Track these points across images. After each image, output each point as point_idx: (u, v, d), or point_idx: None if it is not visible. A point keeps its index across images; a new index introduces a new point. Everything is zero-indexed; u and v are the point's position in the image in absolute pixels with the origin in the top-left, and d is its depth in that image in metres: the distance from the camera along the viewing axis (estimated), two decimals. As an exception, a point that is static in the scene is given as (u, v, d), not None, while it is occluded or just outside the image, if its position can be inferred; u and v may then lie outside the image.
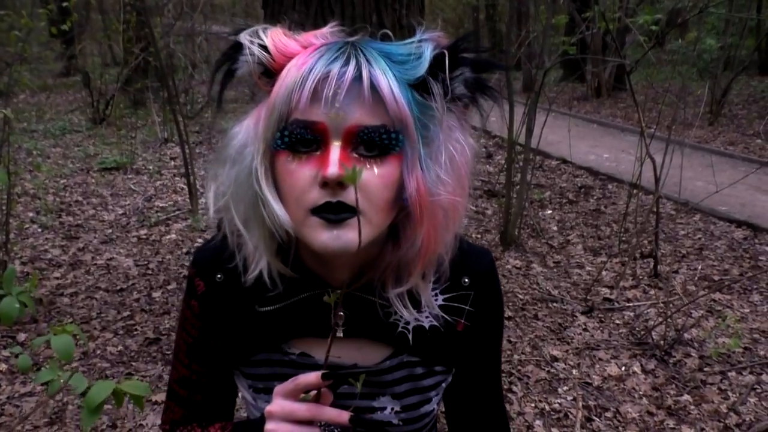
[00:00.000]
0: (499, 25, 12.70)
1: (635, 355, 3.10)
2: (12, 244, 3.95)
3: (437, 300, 0.82)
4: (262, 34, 0.72)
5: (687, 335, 3.23)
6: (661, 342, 3.13)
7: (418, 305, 0.80)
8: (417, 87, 0.69)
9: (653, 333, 3.19)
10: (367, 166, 0.67)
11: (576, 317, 3.48)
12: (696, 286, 3.90)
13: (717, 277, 4.02)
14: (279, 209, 0.70)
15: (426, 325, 0.82)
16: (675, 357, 3.08)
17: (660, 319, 3.30)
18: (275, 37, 0.72)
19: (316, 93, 0.66)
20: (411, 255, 0.72)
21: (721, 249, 4.48)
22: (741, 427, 2.58)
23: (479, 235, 4.70)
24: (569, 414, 2.66)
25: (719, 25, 11.17)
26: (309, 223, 0.68)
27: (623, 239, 4.48)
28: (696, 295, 3.68)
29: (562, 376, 2.93)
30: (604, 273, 3.97)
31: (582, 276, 4.04)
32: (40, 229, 4.84)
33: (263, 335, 0.83)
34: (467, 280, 0.84)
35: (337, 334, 0.80)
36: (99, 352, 3.11)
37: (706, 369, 2.99)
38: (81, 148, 7.57)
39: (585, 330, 3.36)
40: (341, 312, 0.80)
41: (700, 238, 4.71)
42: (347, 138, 0.67)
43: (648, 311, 3.54)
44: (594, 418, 2.65)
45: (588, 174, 6.56)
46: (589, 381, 2.89)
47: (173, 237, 4.67)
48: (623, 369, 2.99)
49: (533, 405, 2.72)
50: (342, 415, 0.70)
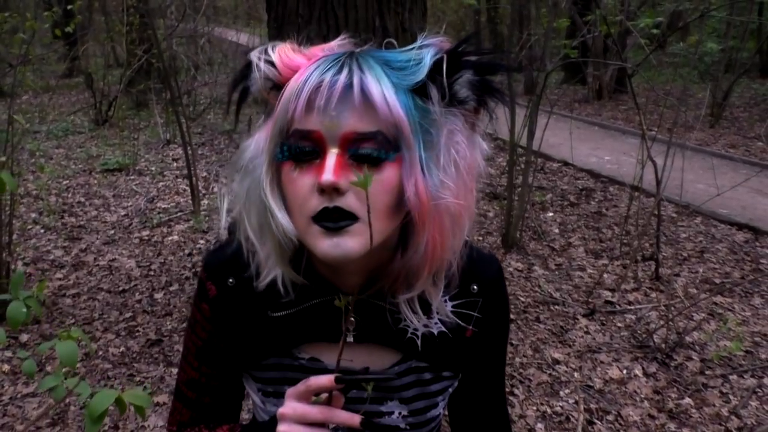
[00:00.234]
0: (501, 28, 12.70)
1: (637, 358, 3.10)
2: (15, 244, 3.96)
3: (446, 306, 0.82)
4: (270, 50, 0.74)
5: (688, 338, 3.23)
6: (663, 345, 3.13)
7: (428, 311, 0.80)
8: (419, 92, 0.70)
9: (655, 336, 3.20)
10: (366, 171, 0.67)
11: (577, 320, 3.49)
12: (697, 289, 3.90)
13: (718, 280, 4.02)
14: (283, 218, 0.71)
15: (435, 332, 0.83)
16: (676, 360, 3.08)
17: (661, 322, 3.30)
18: (282, 53, 0.73)
19: (310, 102, 0.67)
20: (416, 260, 0.72)
21: (723, 252, 4.48)
22: (742, 431, 2.58)
23: (480, 238, 4.71)
24: (571, 417, 2.66)
25: (720, 28, 11.18)
26: (311, 232, 0.69)
27: (624, 242, 4.48)
28: (697, 298, 3.68)
29: (563, 379, 2.93)
30: (605, 276, 3.97)
31: (583, 279, 4.04)
32: (42, 230, 4.85)
33: (274, 340, 0.83)
34: (476, 287, 0.84)
35: (348, 339, 0.81)
36: (101, 353, 3.12)
37: (707, 372, 2.99)
38: (84, 149, 7.58)
39: (586, 333, 3.36)
40: (352, 317, 0.81)
41: (701, 240, 4.71)
42: (344, 145, 0.68)
43: (649, 314, 3.55)
44: (595, 421, 2.65)
45: (589, 176, 6.56)
46: (591, 384, 2.90)
47: (175, 238, 4.68)
48: (625, 372, 2.99)
49: (535, 408, 2.72)
50: (354, 418, 0.71)
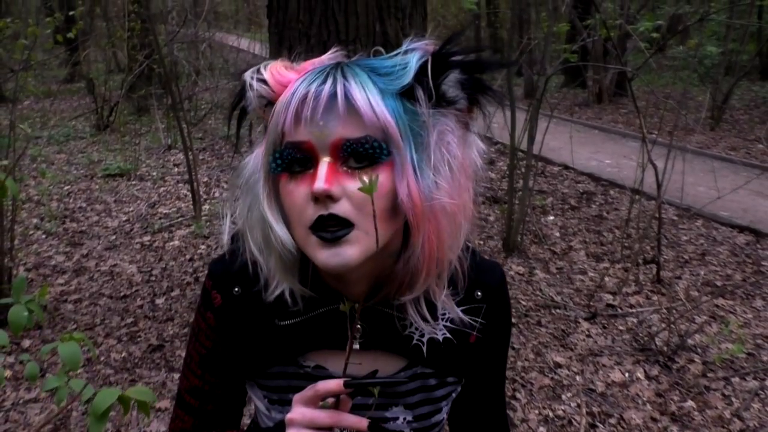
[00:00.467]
0: (501, 33, 12.73)
1: (639, 361, 3.10)
2: (16, 250, 3.97)
3: (454, 315, 0.82)
4: (263, 69, 0.76)
5: (690, 341, 3.23)
6: (665, 348, 3.13)
7: (434, 314, 0.81)
8: (407, 95, 0.70)
9: (656, 339, 3.19)
10: (357, 178, 0.67)
11: (579, 323, 3.48)
12: (699, 291, 3.89)
13: (720, 283, 4.02)
14: (281, 231, 0.73)
15: (440, 338, 0.83)
16: (678, 363, 3.08)
17: (663, 325, 3.30)
18: (274, 70, 0.75)
19: (297, 114, 0.69)
20: (414, 261, 0.73)
21: (724, 254, 4.48)
22: (745, 434, 2.58)
23: (481, 242, 4.71)
24: (573, 421, 2.66)
25: (720, 31, 11.19)
26: (310, 242, 0.70)
27: (626, 245, 4.48)
28: (699, 301, 3.68)
29: (565, 382, 2.93)
30: (606, 279, 3.97)
31: (585, 282, 4.04)
32: (44, 236, 4.86)
33: (280, 348, 0.84)
34: (480, 293, 0.85)
35: (354, 346, 0.81)
36: (103, 358, 3.12)
37: (709, 375, 2.99)
38: (85, 154, 7.60)
39: (588, 336, 3.36)
40: (358, 325, 0.81)
41: (702, 243, 4.71)
42: (334, 153, 0.68)
43: (651, 317, 3.54)
44: (598, 424, 2.65)
45: (590, 180, 6.56)
46: (593, 387, 2.90)
47: (177, 243, 4.69)
48: (627, 375, 2.99)
49: (537, 412, 2.72)
50: (362, 422, 0.71)
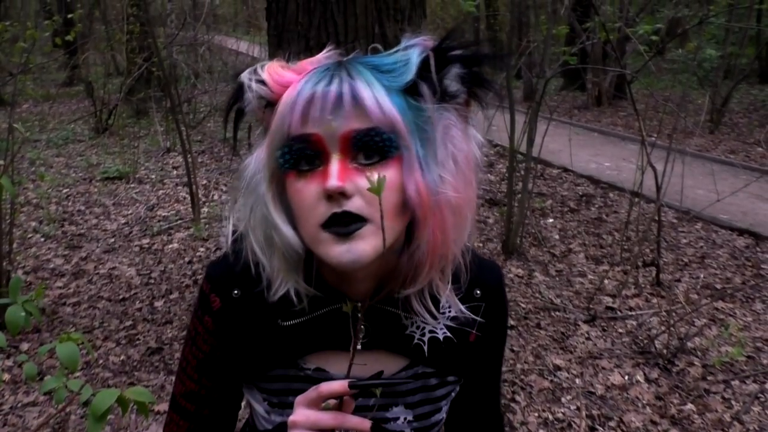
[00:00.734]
0: (500, 35, 12.75)
1: (638, 364, 3.09)
2: (15, 253, 3.96)
3: (451, 312, 0.83)
4: (260, 70, 0.75)
5: (690, 344, 3.22)
6: (664, 351, 3.12)
7: (437, 309, 0.81)
8: (410, 92, 0.71)
9: (656, 342, 3.19)
10: (368, 174, 0.68)
11: (578, 326, 3.48)
12: (698, 294, 3.89)
13: (719, 286, 4.02)
14: (288, 231, 0.72)
15: (440, 337, 0.83)
16: (678, 366, 3.07)
17: (663, 328, 3.30)
18: (271, 71, 0.75)
19: (305, 114, 0.68)
20: (419, 255, 0.73)
21: (723, 257, 4.48)
22: (745, 437, 2.57)
23: (481, 244, 4.71)
24: (573, 423, 2.65)
25: (719, 34, 11.21)
26: (321, 239, 0.69)
27: (625, 248, 4.47)
28: (699, 304, 3.67)
29: (565, 385, 2.92)
30: (606, 282, 3.97)
31: (584, 285, 4.04)
32: (42, 239, 4.85)
33: (281, 350, 0.83)
34: (479, 292, 0.86)
35: (357, 346, 0.81)
36: (101, 361, 3.11)
37: (709, 378, 2.98)
38: (84, 157, 7.59)
39: (588, 339, 3.35)
40: (362, 325, 0.81)
41: (702, 246, 4.70)
42: (344, 147, 0.68)
43: (651, 320, 3.54)
44: (597, 427, 2.64)
45: (589, 183, 6.56)
46: (593, 390, 2.89)
47: (175, 246, 4.68)
48: (626, 378, 2.98)
49: (537, 414, 2.71)
50: (364, 423, 0.71)
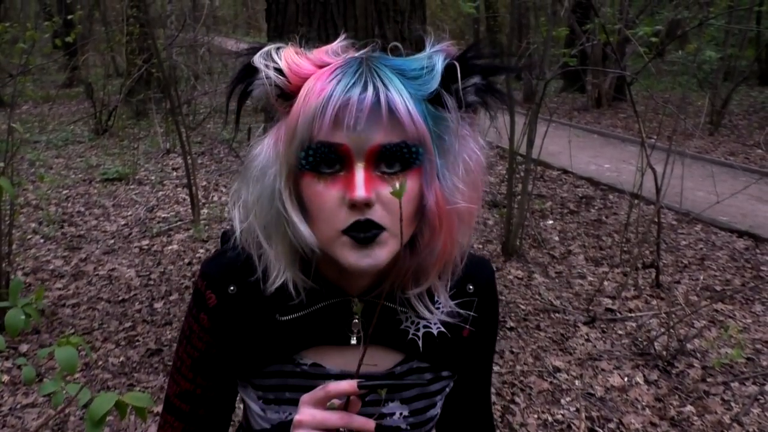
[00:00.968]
0: (500, 37, 12.76)
1: (638, 366, 3.09)
2: (14, 254, 3.96)
3: (445, 307, 0.84)
4: (275, 56, 0.73)
5: (689, 346, 3.22)
6: (664, 352, 3.12)
7: (432, 303, 0.83)
8: (431, 99, 0.71)
9: (656, 343, 3.19)
10: (390, 183, 0.69)
11: (578, 328, 3.48)
12: (698, 296, 3.89)
13: (719, 288, 4.01)
14: (305, 230, 0.72)
15: (434, 332, 0.84)
16: (678, 367, 3.07)
17: (662, 330, 3.29)
18: (289, 59, 0.73)
19: (337, 119, 0.67)
20: (430, 260, 0.75)
21: (723, 259, 4.48)
22: (744, 439, 2.57)
23: (480, 246, 4.70)
24: (572, 425, 2.65)
25: (719, 36, 11.22)
26: (340, 242, 0.70)
27: (625, 249, 4.47)
28: (698, 306, 3.67)
29: (564, 386, 2.92)
30: (606, 283, 3.97)
31: (584, 286, 4.04)
32: (42, 240, 4.85)
33: (277, 345, 0.83)
34: (471, 287, 0.87)
35: (352, 341, 0.82)
36: (101, 363, 3.11)
37: (708, 379, 2.98)
38: (83, 158, 7.59)
39: (587, 340, 3.35)
40: (356, 320, 0.82)
41: (701, 248, 4.70)
42: (370, 158, 0.69)
43: (650, 321, 3.54)
44: (597, 429, 2.64)
45: (589, 184, 6.56)
46: (592, 392, 2.89)
47: (175, 247, 4.68)
48: (626, 380, 2.98)
49: (536, 416, 2.71)
50: (369, 424, 0.71)
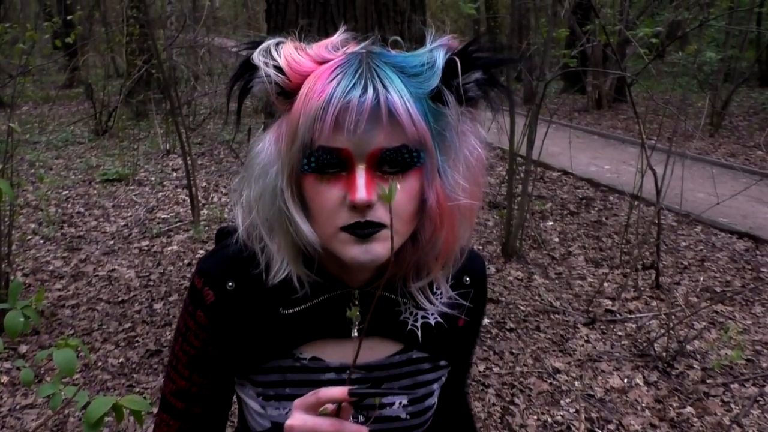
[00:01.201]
0: (500, 38, 12.76)
1: (638, 367, 3.09)
2: (14, 255, 3.96)
3: (443, 298, 0.85)
4: (274, 53, 0.73)
5: (689, 347, 3.22)
6: (664, 354, 3.12)
7: (433, 295, 0.84)
8: (432, 96, 0.71)
9: (655, 345, 3.18)
10: (391, 183, 0.69)
11: (578, 329, 3.48)
12: (698, 297, 3.89)
13: (719, 289, 4.01)
14: (306, 228, 0.73)
15: (432, 322, 0.86)
16: (677, 369, 3.07)
17: (662, 331, 3.29)
18: (288, 56, 0.73)
19: (337, 122, 0.67)
20: (432, 255, 0.77)
21: (723, 260, 4.48)
22: (744, 440, 2.57)
23: (480, 247, 4.70)
24: (572, 426, 2.65)
25: (719, 38, 11.22)
26: (339, 239, 0.71)
27: (625, 251, 4.47)
28: (698, 307, 3.67)
29: (564, 388, 2.92)
30: (605, 284, 3.97)
31: (584, 287, 4.04)
32: (42, 241, 4.84)
33: (277, 340, 0.83)
34: (468, 279, 0.89)
35: (353, 333, 0.83)
36: (100, 363, 3.11)
37: (708, 381, 2.98)
38: (83, 159, 7.59)
39: (587, 342, 3.35)
40: (358, 312, 0.81)
41: (701, 249, 4.70)
42: (371, 160, 0.69)
43: (650, 323, 3.53)
44: (596, 430, 2.64)
45: (589, 185, 6.56)
46: (592, 393, 2.88)
47: (175, 248, 4.68)
48: (626, 381, 2.98)
49: (536, 417, 2.71)
50: (361, 430, 0.71)
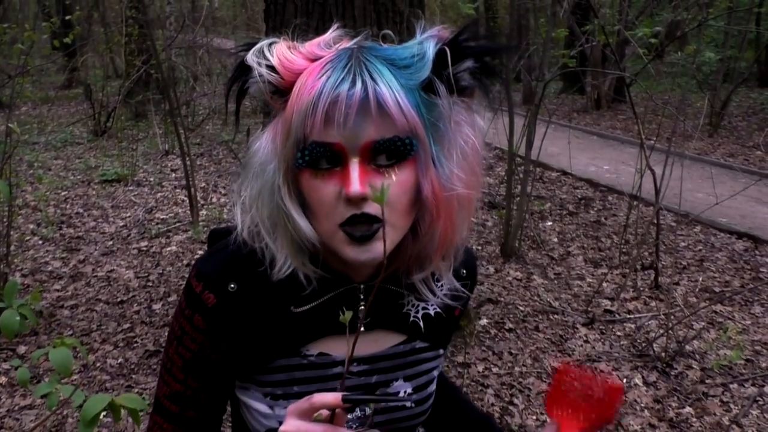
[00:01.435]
0: (500, 38, 12.78)
1: (637, 367, 3.09)
2: (13, 256, 3.95)
3: (443, 290, 0.86)
4: (267, 53, 0.74)
5: (688, 347, 3.22)
6: (663, 354, 3.12)
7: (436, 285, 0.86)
8: (425, 87, 0.70)
9: (654, 345, 3.18)
10: (386, 175, 0.70)
11: (577, 329, 3.47)
12: (697, 297, 3.89)
13: (718, 289, 4.01)
14: (304, 225, 0.73)
15: (432, 313, 0.88)
16: (676, 369, 3.07)
17: (661, 331, 3.29)
18: (281, 55, 0.73)
19: (328, 116, 0.68)
20: (431, 247, 0.77)
21: (722, 260, 4.48)
22: (743, 440, 2.57)
23: (479, 247, 4.70)
24: (571, 427, 2.64)
25: (718, 38, 11.23)
26: (338, 237, 0.71)
27: (624, 251, 4.47)
28: (697, 307, 3.67)
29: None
30: (604, 285, 3.96)
31: (583, 288, 4.03)
32: (40, 241, 4.84)
33: (286, 338, 0.82)
34: (464, 271, 0.91)
35: (361, 328, 0.83)
36: (99, 364, 3.10)
37: (707, 381, 2.98)
38: (82, 160, 7.58)
39: (586, 342, 3.35)
40: (363, 306, 0.82)
41: (700, 249, 4.70)
42: (364, 153, 0.69)
43: (649, 323, 3.53)
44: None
45: (588, 186, 6.56)
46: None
47: (174, 249, 4.67)
48: (625, 381, 2.98)
49: (535, 417, 2.70)
50: None
